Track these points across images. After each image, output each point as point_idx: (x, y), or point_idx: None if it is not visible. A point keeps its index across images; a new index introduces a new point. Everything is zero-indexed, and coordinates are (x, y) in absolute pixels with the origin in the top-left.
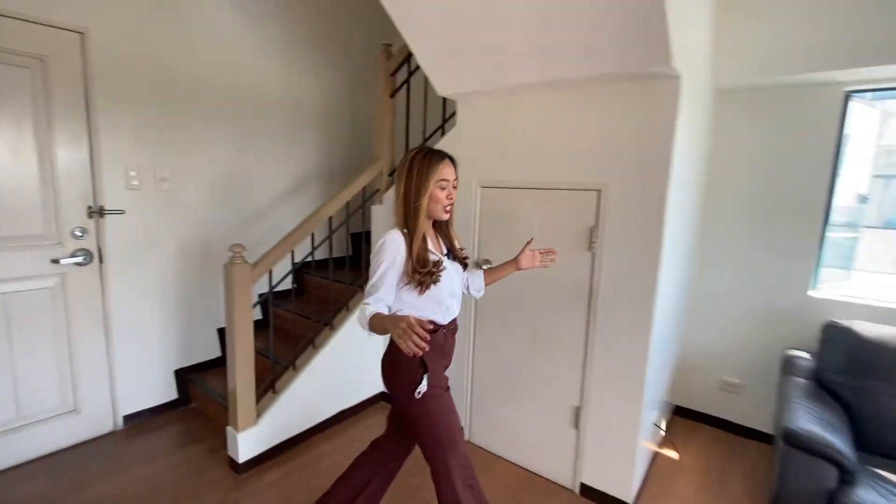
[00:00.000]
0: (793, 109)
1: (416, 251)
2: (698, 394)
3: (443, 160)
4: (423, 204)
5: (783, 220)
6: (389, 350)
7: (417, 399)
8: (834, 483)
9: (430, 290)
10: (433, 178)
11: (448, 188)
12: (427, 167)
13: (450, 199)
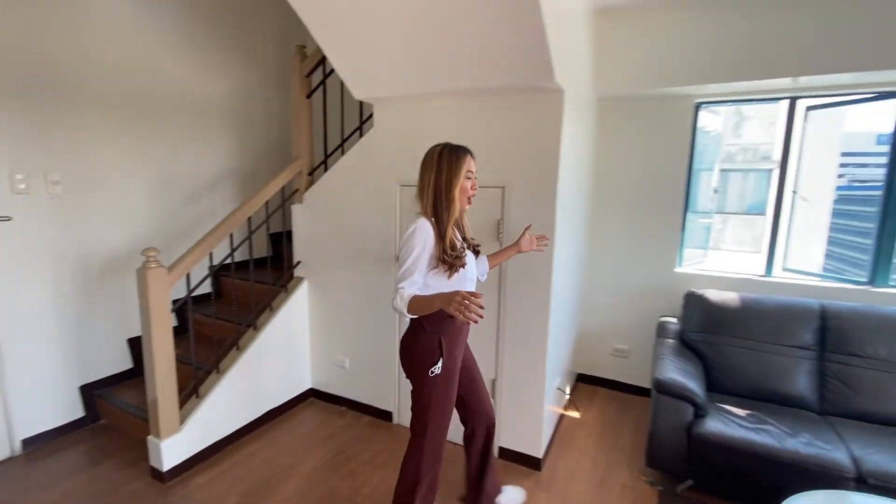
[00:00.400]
0: (658, 116)
1: (449, 237)
2: (595, 361)
3: (468, 154)
4: (455, 194)
5: (655, 211)
6: (412, 332)
7: (430, 377)
8: (691, 417)
9: (457, 273)
10: (463, 170)
11: (472, 179)
12: (456, 160)
13: (474, 189)
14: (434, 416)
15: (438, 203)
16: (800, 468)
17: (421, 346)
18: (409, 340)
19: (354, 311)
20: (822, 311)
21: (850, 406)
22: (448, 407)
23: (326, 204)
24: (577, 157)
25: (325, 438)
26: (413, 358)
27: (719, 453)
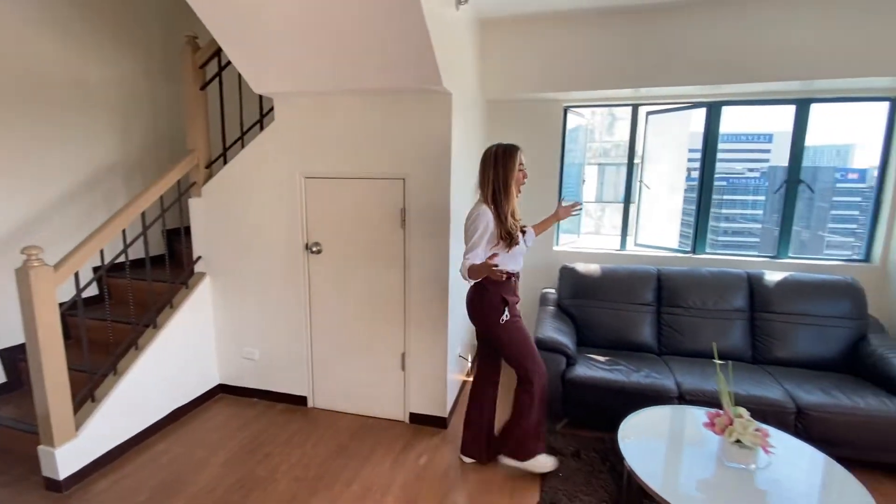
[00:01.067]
0: (535, 118)
1: (509, 221)
2: None
3: (518, 150)
4: (511, 186)
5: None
6: (477, 293)
7: (503, 326)
8: (564, 366)
9: (514, 248)
10: (516, 165)
11: (524, 169)
12: (510, 157)
13: (525, 175)
14: (523, 351)
15: (498, 193)
16: (641, 395)
17: (488, 303)
18: (477, 301)
19: (262, 303)
20: (658, 275)
21: (678, 346)
22: (531, 346)
23: (227, 197)
24: (468, 154)
25: (237, 429)
26: (484, 314)
27: (585, 392)
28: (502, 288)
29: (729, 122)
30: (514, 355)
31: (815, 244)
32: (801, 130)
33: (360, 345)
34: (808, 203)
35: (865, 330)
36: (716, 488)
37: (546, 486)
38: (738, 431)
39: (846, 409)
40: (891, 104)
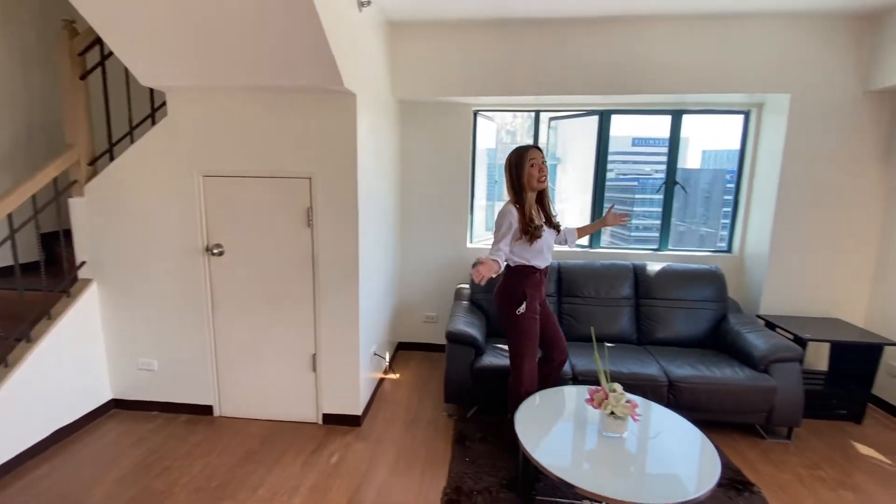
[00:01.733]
0: (448, 120)
1: (528, 214)
2: (412, 329)
3: (530, 148)
4: (524, 182)
5: (451, 199)
6: (505, 283)
7: (518, 316)
8: (473, 357)
9: (536, 242)
10: (526, 162)
11: (537, 164)
12: (521, 157)
13: (541, 172)
14: (524, 345)
15: (517, 192)
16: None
17: (511, 293)
18: (504, 288)
19: (159, 309)
20: (559, 268)
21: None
22: (532, 340)
23: (116, 196)
24: (377, 153)
25: (132, 445)
26: (506, 301)
27: (492, 379)
28: (528, 282)
29: (640, 128)
30: (515, 346)
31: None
32: (675, 138)
33: (269, 348)
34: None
35: (726, 311)
36: (595, 457)
37: (453, 472)
38: (612, 404)
39: (707, 380)
40: (745, 117)
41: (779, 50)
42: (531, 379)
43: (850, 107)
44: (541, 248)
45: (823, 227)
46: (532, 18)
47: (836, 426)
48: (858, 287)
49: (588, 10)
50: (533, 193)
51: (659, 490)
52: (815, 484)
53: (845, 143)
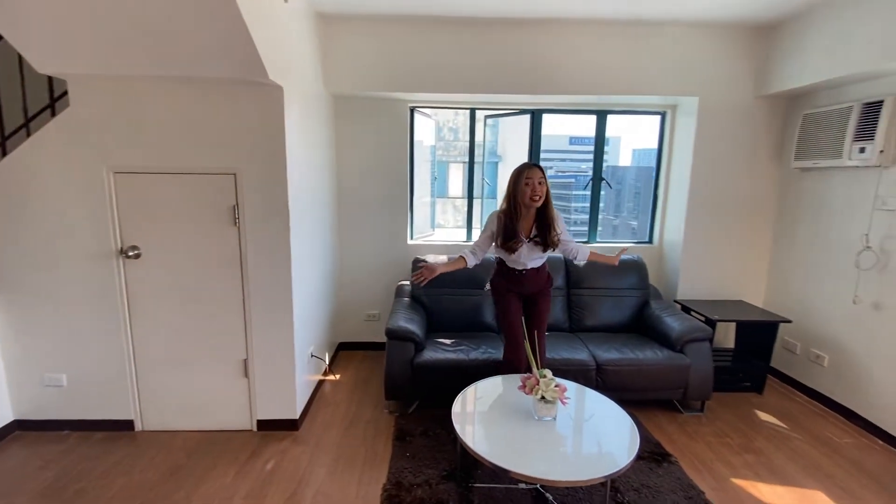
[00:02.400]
0: (384, 116)
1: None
2: (353, 329)
3: (528, 167)
4: (518, 198)
5: (391, 195)
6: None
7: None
8: (413, 352)
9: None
10: (522, 180)
11: (532, 184)
12: (517, 175)
13: (534, 191)
14: (502, 323)
15: (510, 204)
16: (479, 369)
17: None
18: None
19: (67, 318)
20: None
21: None
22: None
23: (8, 196)
24: (309, 148)
25: (39, 468)
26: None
27: (432, 373)
28: (503, 272)
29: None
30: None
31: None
32: (601, 137)
33: (195, 355)
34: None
35: (648, 297)
36: (528, 441)
37: (393, 468)
38: (542, 389)
39: (631, 361)
40: (661, 118)
41: (688, 56)
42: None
43: (747, 110)
44: (516, 259)
45: (728, 219)
46: (462, 17)
47: (741, 397)
48: (758, 272)
49: (514, 11)
50: (528, 210)
51: (585, 468)
52: (722, 450)
53: (745, 143)
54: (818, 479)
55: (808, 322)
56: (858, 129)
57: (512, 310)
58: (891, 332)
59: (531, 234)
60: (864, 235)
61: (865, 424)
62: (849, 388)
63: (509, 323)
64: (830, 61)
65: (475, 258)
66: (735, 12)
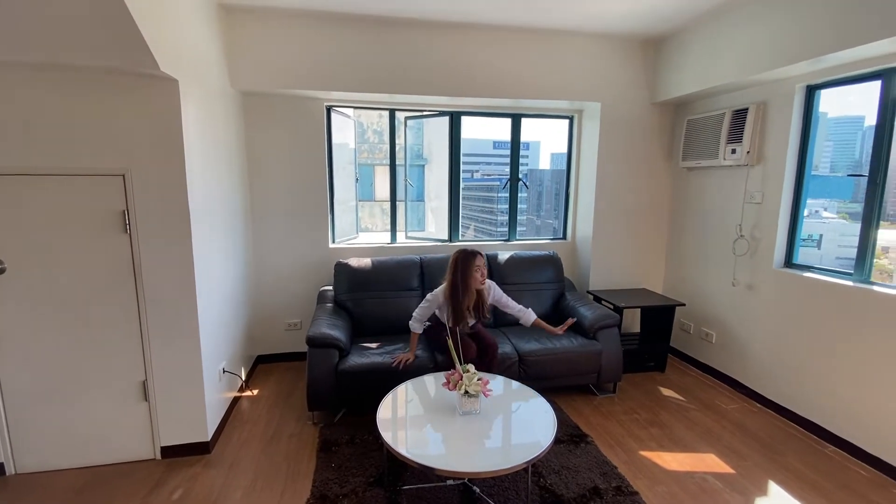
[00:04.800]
0: (299, 115)
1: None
2: (273, 340)
3: (472, 255)
4: (469, 282)
5: (309, 199)
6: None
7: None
8: (337, 359)
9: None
10: (472, 267)
11: (481, 269)
12: (465, 262)
13: (483, 275)
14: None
15: (455, 289)
16: (405, 371)
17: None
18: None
19: None
20: (421, 263)
21: None
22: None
23: None
24: (212, 147)
25: None
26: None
27: (358, 379)
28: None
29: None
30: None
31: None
32: (517, 139)
33: (82, 381)
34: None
35: (564, 289)
36: (453, 437)
37: (317, 480)
38: (466, 384)
39: (550, 351)
40: (570, 122)
41: (591, 64)
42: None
43: (644, 115)
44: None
45: (630, 215)
46: (376, 16)
47: (647, 376)
48: (657, 261)
49: (428, 14)
50: (471, 294)
51: (507, 456)
52: (632, 426)
53: (642, 145)
54: (710, 443)
55: (698, 304)
56: (730, 133)
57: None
58: (762, 310)
59: (470, 306)
60: (738, 225)
61: (746, 391)
62: (732, 361)
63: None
64: (704, 73)
65: (421, 325)
66: (630, 26)
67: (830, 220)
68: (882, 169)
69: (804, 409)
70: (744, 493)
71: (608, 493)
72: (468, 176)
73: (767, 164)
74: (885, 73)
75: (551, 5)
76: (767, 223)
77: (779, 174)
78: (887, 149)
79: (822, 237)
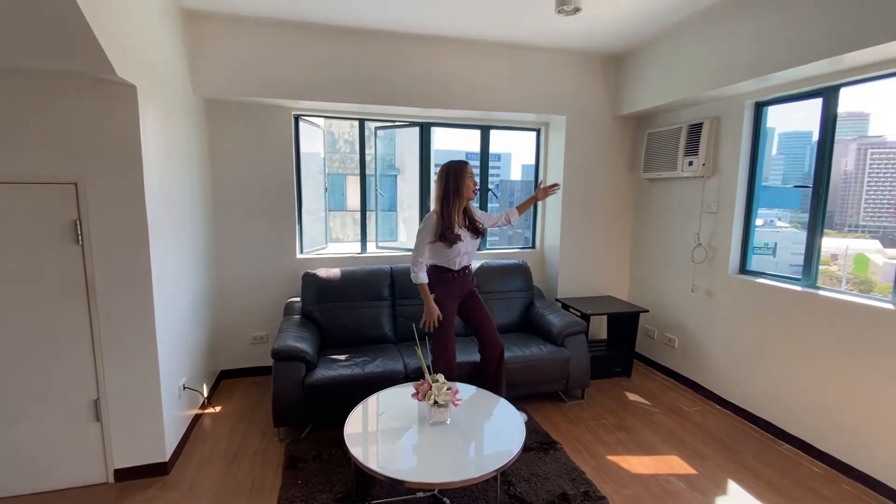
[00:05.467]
0: (266, 124)
1: (450, 220)
2: (237, 354)
3: (463, 164)
4: (462, 190)
5: (276, 208)
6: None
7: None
8: (304, 372)
9: (454, 247)
10: (467, 174)
11: (472, 177)
12: (458, 171)
13: (475, 184)
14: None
15: (446, 199)
16: (376, 383)
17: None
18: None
19: None
20: (391, 272)
21: (412, 332)
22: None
23: None
24: (174, 156)
25: None
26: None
27: (326, 393)
28: (440, 278)
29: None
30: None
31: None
32: (486, 151)
33: (28, 401)
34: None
35: (533, 297)
36: (422, 448)
37: (282, 499)
38: (435, 394)
39: (520, 358)
40: (537, 134)
41: (557, 78)
42: (446, 362)
43: (607, 128)
44: (458, 252)
45: (596, 224)
46: (343, 27)
47: (614, 382)
48: (622, 269)
49: (395, 25)
50: (463, 202)
51: (476, 466)
52: (600, 431)
53: (606, 157)
54: (673, 445)
55: (662, 310)
56: (687, 146)
57: (451, 318)
58: (719, 314)
59: (465, 224)
60: (696, 234)
61: (707, 393)
62: (693, 364)
63: (446, 333)
64: (662, 89)
65: (424, 271)
66: (593, 43)
67: (784, 229)
68: (824, 181)
69: (759, 409)
70: (705, 493)
71: (577, 499)
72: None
73: (722, 175)
74: (825, 91)
75: (518, 21)
76: (723, 232)
77: (732, 185)
78: (829, 162)
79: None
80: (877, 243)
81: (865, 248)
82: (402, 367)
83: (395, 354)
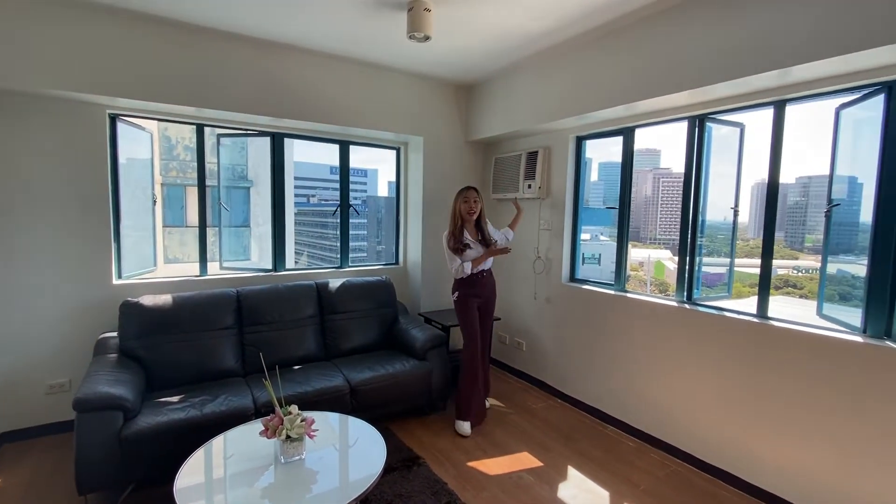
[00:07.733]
0: (71, 123)
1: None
2: (27, 409)
3: (465, 190)
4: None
5: (83, 223)
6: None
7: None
8: (121, 422)
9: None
10: (460, 199)
11: (468, 202)
12: (458, 195)
13: (470, 207)
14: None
15: (452, 219)
16: (219, 423)
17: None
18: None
19: None
20: (238, 296)
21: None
22: (467, 327)
23: None
24: None
25: None
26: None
27: (153, 443)
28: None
29: (335, 157)
30: (461, 325)
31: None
32: (346, 165)
33: None
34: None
35: (397, 314)
36: (275, 490)
37: None
38: (287, 428)
39: (382, 377)
40: (397, 152)
41: (415, 101)
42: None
43: (461, 151)
44: (468, 259)
45: None
46: (177, 21)
47: None
48: None
49: (242, 28)
50: (464, 220)
51: (332, 500)
52: (459, 439)
53: (460, 178)
54: (524, 442)
55: (511, 317)
56: (527, 171)
57: (473, 316)
58: (556, 318)
59: (478, 237)
60: (536, 248)
61: (550, 390)
62: (538, 365)
63: (470, 332)
64: (504, 120)
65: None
66: (445, 70)
67: (606, 243)
68: (627, 202)
69: (590, 399)
70: (550, 482)
71: None
72: (304, 201)
73: (554, 197)
74: (625, 130)
75: (372, 39)
76: (556, 246)
77: (561, 206)
78: (629, 187)
79: (602, 255)
80: (668, 252)
81: (662, 256)
82: (251, 402)
83: (242, 389)
